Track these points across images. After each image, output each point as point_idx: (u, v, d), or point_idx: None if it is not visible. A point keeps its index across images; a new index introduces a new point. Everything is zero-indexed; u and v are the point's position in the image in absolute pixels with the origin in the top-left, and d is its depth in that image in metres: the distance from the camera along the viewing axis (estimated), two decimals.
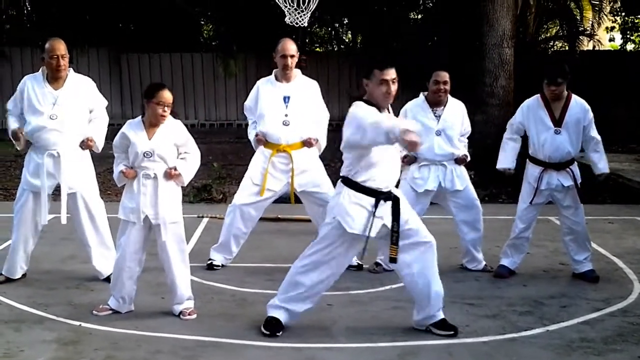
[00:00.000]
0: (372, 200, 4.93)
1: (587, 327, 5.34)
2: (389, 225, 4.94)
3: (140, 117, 5.43)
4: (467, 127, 6.87)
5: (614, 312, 5.67)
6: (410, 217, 5.09)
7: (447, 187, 6.64)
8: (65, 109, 6.07)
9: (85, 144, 6.14)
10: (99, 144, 6.26)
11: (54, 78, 6.10)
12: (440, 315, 5.17)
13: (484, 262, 6.83)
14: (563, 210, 6.56)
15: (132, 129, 5.33)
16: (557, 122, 6.41)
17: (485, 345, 4.98)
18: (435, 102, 6.64)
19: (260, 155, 6.71)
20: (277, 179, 6.64)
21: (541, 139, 6.46)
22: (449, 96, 6.70)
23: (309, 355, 4.77)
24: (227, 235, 6.77)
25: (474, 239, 6.79)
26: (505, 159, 6.75)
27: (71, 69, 6.21)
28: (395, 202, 4.96)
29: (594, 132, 6.53)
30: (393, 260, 4.99)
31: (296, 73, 6.76)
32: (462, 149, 6.73)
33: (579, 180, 6.49)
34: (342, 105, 21.65)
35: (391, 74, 4.88)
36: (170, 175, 5.35)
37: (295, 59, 6.68)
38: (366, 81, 4.97)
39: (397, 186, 5.23)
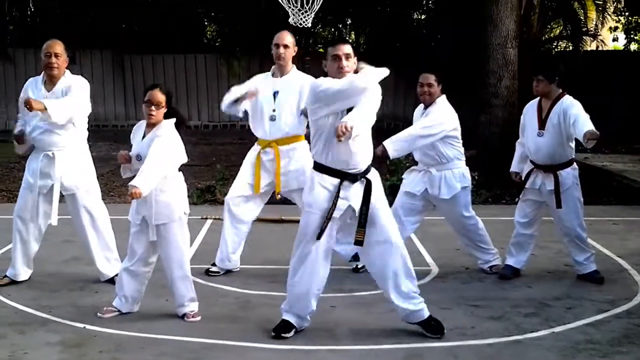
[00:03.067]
0: (336, 180, 4.92)
1: (592, 328, 5.32)
2: (357, 207, 4.94)
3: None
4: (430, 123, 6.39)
5: (620, 314, 5.66)
6: (381, 209, 5.05)
7: (434, 194, 6.50)
8: None
9: (29, 103, 5.72)
10: (51, 111, 5.81)
11: (49, 78, 6.13)
12: (423, 314, 5.14)
13: (493, 261, 6.79)
14: (551, 212, 6.56)
15: (135, 131, 5.42)
16: (541, 124, 6.39)
17: (490, 347, 4.96)
18: (423, 104, 6.58)
19: (252, 151, 6.66)
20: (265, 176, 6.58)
21: (529, 139, 6.49)
22: (442, 97, 6.49)
23: (314, 358, 4.77)
24: None
25: (468, 244, 6.80)
26: (513, 163, 6.80)
27: (68, 71, 6.20)
28: (368, 185, 4.94)
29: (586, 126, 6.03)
30: (359, 243, 4.97)
31: (292, 68, 6.62)
32: (451, 153, 6.48)
33: (567, 186, 6.36)
34: None
35: (343, 49, 4.92)
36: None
37: (290, 51, 6.53)
38: (324, 62, 5.05)
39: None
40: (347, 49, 4.91)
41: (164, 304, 5.71)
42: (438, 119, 6.36)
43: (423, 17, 22.40)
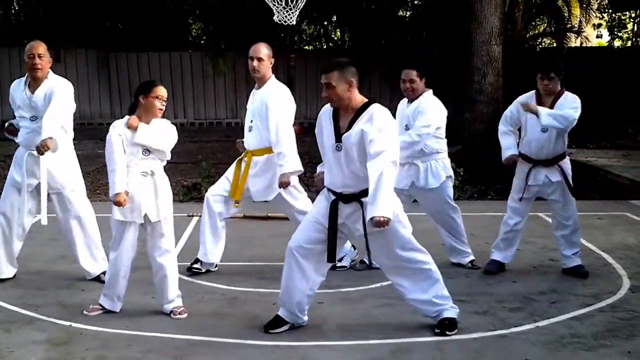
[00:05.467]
0: (332, 196, 4.98)
1: (576, 322, 5.36)
2: (352, 227, 4.97)
3: (127, 117, 5.36)
4: (429, 122, 6.49)
5: (604, 308, 5.70)
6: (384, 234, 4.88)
7: (421, 185, 6.61)
8: (41, 111, 6.06)
9: (43, 146, 5.81)
10: (54, 141, 5.95)
11: (33, 79, 6.15)
12: (443, 314, 5.15)
13: (470, 257, 6.85)
14: (552, 204, 6.59)
15: (124, 128, 5.29)
16: None
17: (475, 342, 4.99)
18: (408, 99, 6.65)
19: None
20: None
21: (529, 135, 6.47)
22: (428, 93, 6.57)
23: (301, 354, 4.78)
24: None
25: (451, 234, 6.82)
26: (506, 148, 6.58)
27: (51, 72, 6.22)
28: (360, 208, 4.88)
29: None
30: (371, 263, 5.10)
31: (269, 78, 6.51)
32: (436, 145, 6.60)
33: (570, 176, 6.50)
34: None
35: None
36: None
37: (265, 63, 6.43)
38: None
39: None
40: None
41: (150, 302, 5.71)
42: (429, 120, 6.46)
43: (408, 14, 22.43)
